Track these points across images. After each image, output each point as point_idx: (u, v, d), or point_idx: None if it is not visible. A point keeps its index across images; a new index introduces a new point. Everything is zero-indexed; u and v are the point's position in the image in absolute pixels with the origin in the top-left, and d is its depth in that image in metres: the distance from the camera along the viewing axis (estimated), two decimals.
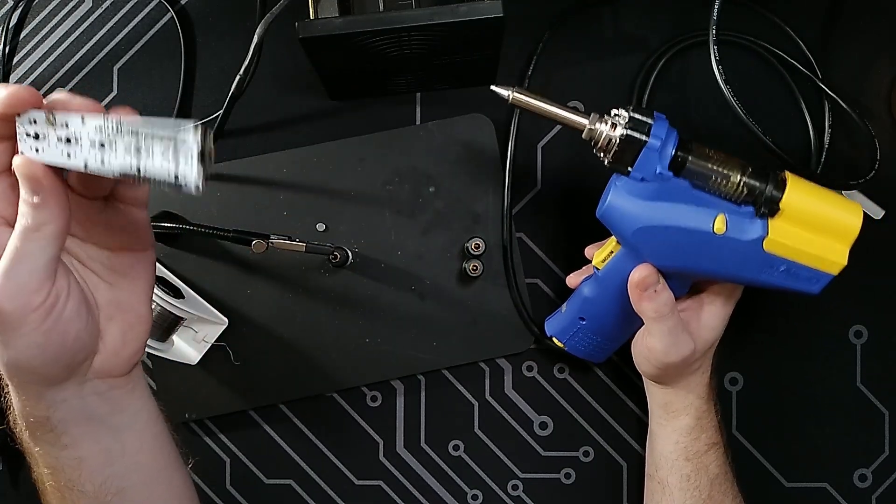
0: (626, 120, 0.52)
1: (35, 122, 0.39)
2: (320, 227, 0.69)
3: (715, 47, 0.57)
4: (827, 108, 0.69)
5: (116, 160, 0.38)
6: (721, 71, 0.57)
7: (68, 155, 0.39)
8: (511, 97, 0.54)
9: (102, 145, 0.38)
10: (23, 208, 0.40)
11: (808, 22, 0.70)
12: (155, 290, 0.61)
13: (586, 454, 0.70)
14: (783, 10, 0.69)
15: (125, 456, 0.48)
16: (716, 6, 0.57)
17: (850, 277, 0.68)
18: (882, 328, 0.69)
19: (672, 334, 0.56)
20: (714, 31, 0.57)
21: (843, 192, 0.65)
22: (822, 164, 0.69)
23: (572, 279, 0.64)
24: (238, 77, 0.60)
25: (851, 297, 0.69)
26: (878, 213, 0.66)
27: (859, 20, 0.70)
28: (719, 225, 0.52)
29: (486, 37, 0.60)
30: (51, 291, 0.41)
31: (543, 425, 0.70)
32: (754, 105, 0.58)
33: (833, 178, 0.67)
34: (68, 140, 0.39)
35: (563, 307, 0.64)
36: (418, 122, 0.70)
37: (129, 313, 0.47)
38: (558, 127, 0.70)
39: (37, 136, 0.39)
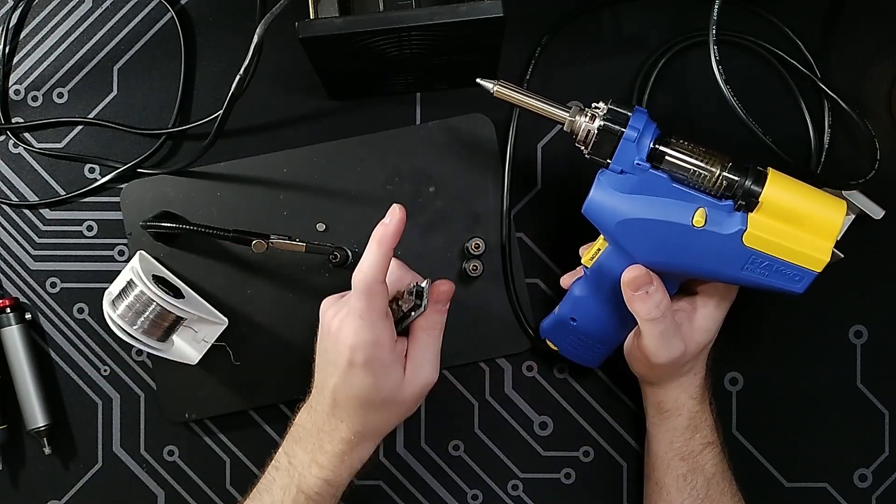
0: (605, 112, 0.54)
1: None
2: (320, 227, 0.69)
3: (715, 47, 0.57)
4: (827, 108, 0.69)
5: None
6: (721, 71, 0.57)
7: None
8: (495, 90, 0.56)
9: None
10: None
11: (808, 22, 0.70)
12: (155, 290, 0.62)
13: (586, 454, 0.70)
14: (783, 10, 0.69)
15: None
16: (716, 6, 0.57)
17: (850, 277, 0.68)
18: (882, 328, 0.69)
19: (663, 336, 0.56)
20: (714, 31, 0.57)
21: (843, 192, 0.65)
22: (822, 164, 0.69)
23: (566, 280, 0.64)
24: (238, 77, 0.60)
25: (851, 297, 0.69)
26: (878, 213, 0.66)
27: (859, 20, 0.70)
28: (698, 218, 0.53)
29: (486, 37, 0.60)
30: None
31: (543, 425, 0.70)
32: (754, 105, 0.58)
33: (833, 178, 0.67)
34: None
35: (557, 308, 0.64)
36: (418, 122, 0.70)
37: None
38: (558, 127, 0.70)
39: None
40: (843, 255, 0.54)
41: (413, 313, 0.56)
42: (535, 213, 0.70)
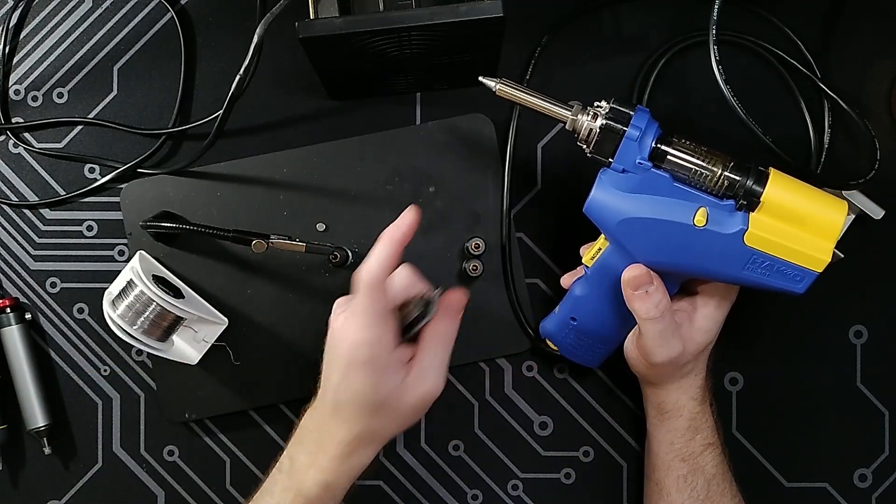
0: (607, 111, 0.54)
1: None
2: (320, 227, 0.69)
3: (715, 47, 0.57)
4: (827, 108, 0.69)
5: None
6: (721, 71, 0.57)
7: None
8: (497, 88, 0.56)
9: None
10: None
11: (808, 22, 0.70)
12: (155, 290, 0.62)
13: (586, 454, 0.70)
14: (783, 10, 0.69)
15: None
16: (716, 6, 0.57)
17: (850, 277, 0.68)
18: (882, 328, 0.69)
19: (662, 336, 0.56)
20: (714, 31, 0.57)
21: (843, 192, 0.65)
22: (822, 164, 0.69)
23: (566, 280, 0.64)
24: (238, 77, 0.60)
25: (851, 297, 0.69)
26: (878, 213, 0.66)
27: (859, 20, 0.70)
28: (700, 218, 0.53)
29: (486, 37, 0.60)
30: None
31: (543, 425, 0.70)
32: (754, 105, 0.58)
33: (833, 178, 0.67)
34: None
35: (557, 308, 0.64)
36: (418, 122, 0.70)
37: None
38: (559, 127, 0.70)
39: None
40: (843, 255, 0.54)
41: (421, 320, 0.56)
42: (535, 213, 0.70)
